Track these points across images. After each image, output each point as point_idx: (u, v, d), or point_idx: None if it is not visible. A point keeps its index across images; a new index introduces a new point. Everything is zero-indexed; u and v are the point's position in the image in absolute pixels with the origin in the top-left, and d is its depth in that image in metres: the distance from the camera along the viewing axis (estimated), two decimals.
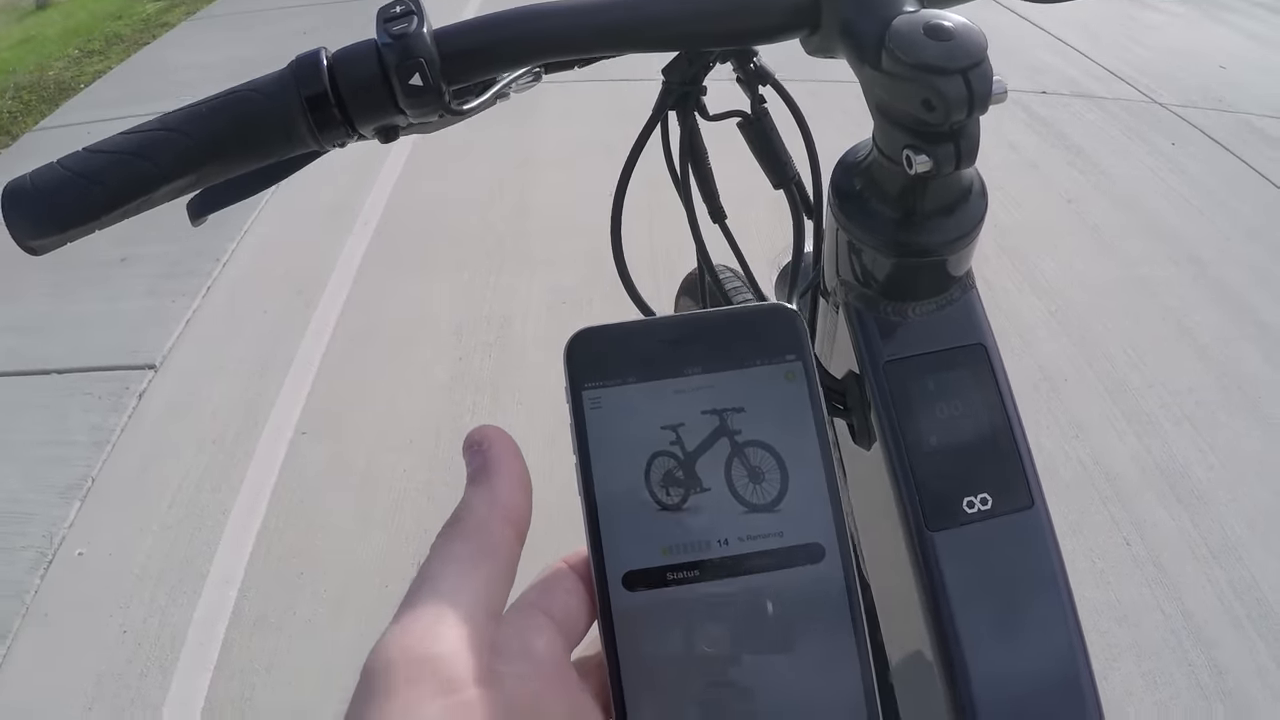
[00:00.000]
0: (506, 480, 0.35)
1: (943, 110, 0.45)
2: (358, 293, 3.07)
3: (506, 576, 0.33)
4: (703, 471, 0.36)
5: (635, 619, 0.35)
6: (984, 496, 0.51)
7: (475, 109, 0.54)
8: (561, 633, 0.34)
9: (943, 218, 0.51)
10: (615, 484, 0.36)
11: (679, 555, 0.36)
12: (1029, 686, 0.50)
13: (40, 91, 5.07)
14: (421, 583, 0.31)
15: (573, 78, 0.67)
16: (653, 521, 0.36)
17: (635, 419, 0.37)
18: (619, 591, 0.35)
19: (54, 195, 0.51)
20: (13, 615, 2.01)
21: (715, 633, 0.35)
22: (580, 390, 0.37)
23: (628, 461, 0.36)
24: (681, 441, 0.37)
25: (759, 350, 0.38)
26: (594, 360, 0.38)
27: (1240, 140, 4.06)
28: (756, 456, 0.37)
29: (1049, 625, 0.51)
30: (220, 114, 0.51)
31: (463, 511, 0.34)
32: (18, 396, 2.66)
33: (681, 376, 0.38)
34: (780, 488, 0.36)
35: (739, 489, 0.36)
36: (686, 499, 0.36)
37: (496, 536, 0.33)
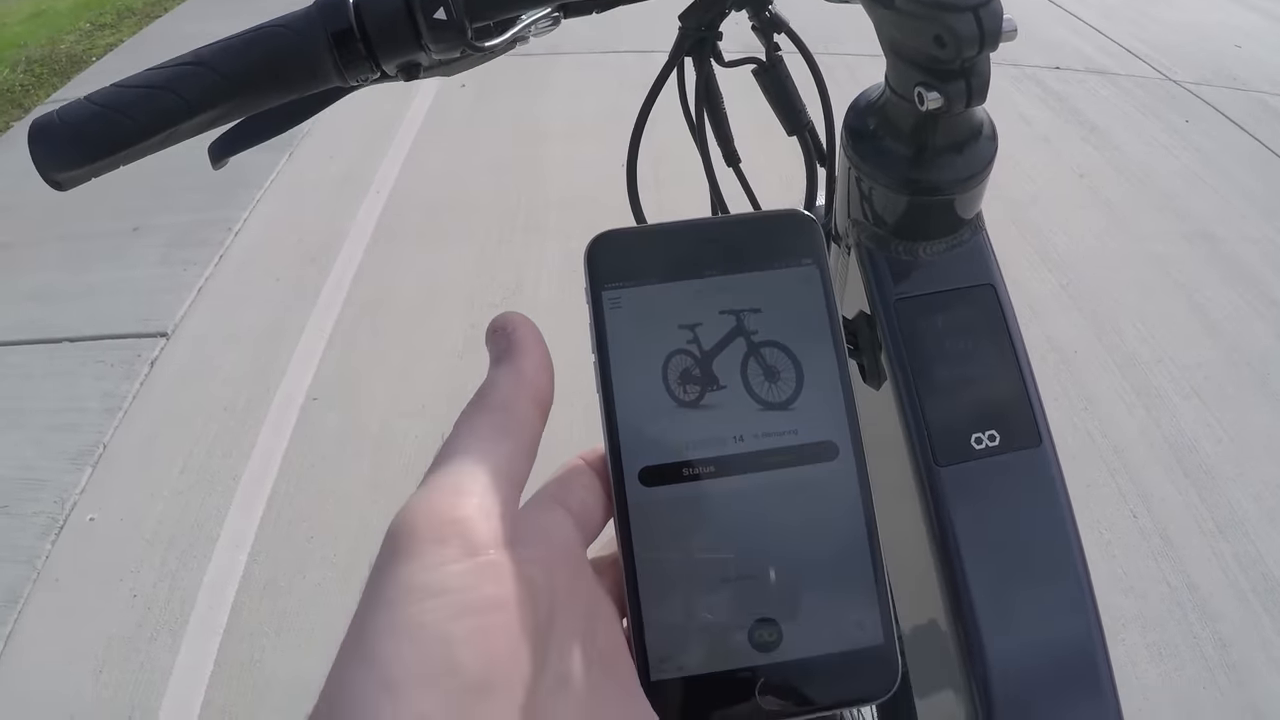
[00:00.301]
0: (531, 360, 0.35)
1: (954, 46, 0.45)
2: (370, 261, 3.08)
3: (529, 452, 0.33)
4: (719, 370, 0.37)
5: (651, 514, 0.35)
6: (992, 433, 0.51)
7: (496, 47, 0.54)
8: (578, 526, 0.34)
9: (953, 156, 0.52)
10: (633, 381, 0.37)
11: (695, 451, 0.36)
12: (1036, 620, 0.50)
13: (52, 65, 5.06)
14: (447, 453, 0.32)
15: (586, 48, 0.67)
16: (669, 418, 0.36)
17: (653, 318, 0.37)
18: (635, 487, 0.35)
19: (81, 128, 0.51)
20: (24, 580, 2.03)
21: (729, 528, 0.35)
22: (600, 290, 0.38)
23: (645, 360, 0.37)
24: (699, 340, 0.37)
25: (776, 254, 0.38)
26: (614, 261, 0.38)
27: (1254, 118, 4.04)
28: (772, 356, 0.37)
29: (1055, 559, 0.51)
30: (247, 49, 0.51)
31: (488, 388, 0.34)
32: (31, 365, 2.67)
33: (700, 278, 0.38)
34: (795, 387, 0.37)
35: (754, 387, 0.37)
36: (703, 396, 0.36)
37: (521, 413, 0.34)
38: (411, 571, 0.27)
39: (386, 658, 0.26)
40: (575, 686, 0.30)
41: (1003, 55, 3.34)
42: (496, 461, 0.31)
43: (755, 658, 0.34)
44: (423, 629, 0.26)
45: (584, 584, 0.33)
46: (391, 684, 0.25)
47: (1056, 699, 0.50)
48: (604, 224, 1.48)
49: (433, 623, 0.26)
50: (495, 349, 0.36)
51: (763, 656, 0.34)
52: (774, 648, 0.35)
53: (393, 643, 0.26)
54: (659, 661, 0.34)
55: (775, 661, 0.34)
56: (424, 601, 0.27)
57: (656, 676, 0.34)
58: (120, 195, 3.37)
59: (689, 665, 0.34)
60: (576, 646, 0.31)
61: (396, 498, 1.02)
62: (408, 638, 0.26)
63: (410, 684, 0.25)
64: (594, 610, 0.33)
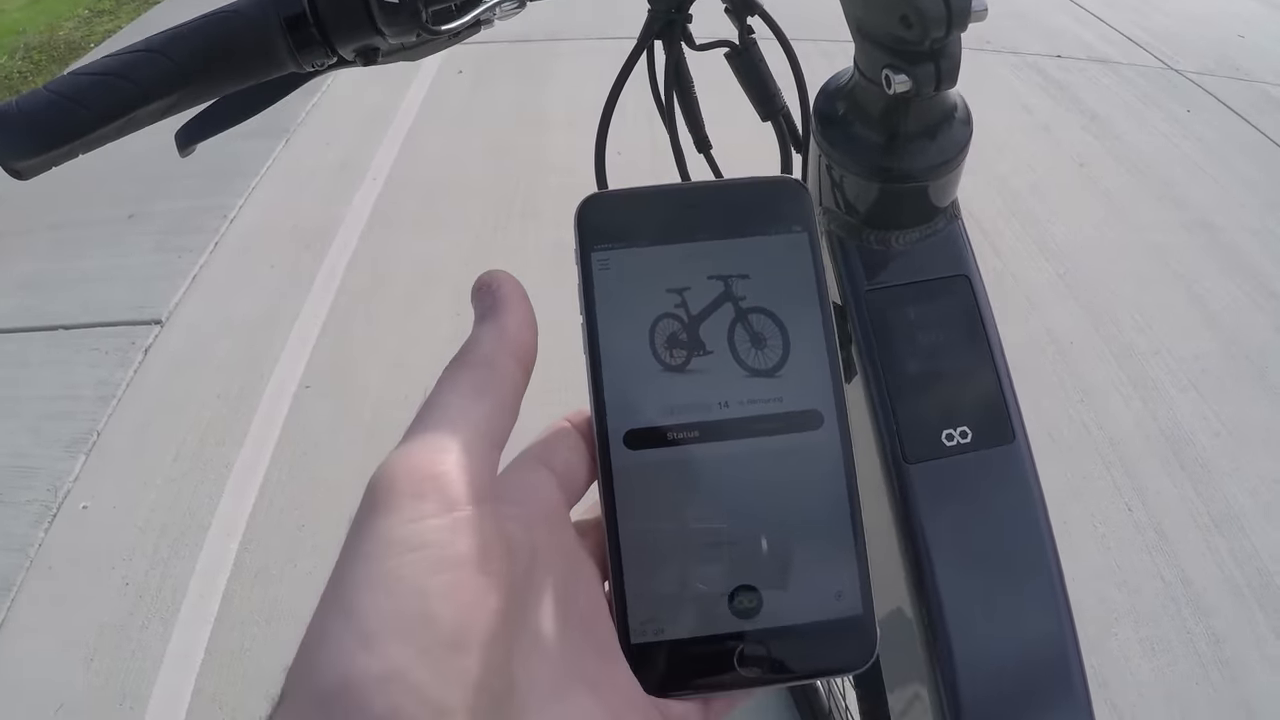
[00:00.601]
0: (514, 318, 0.35)
1: (920, 26, 0.44)
2: (364, 248, 3.07)
3: (511, 409, 0.33)
4: (706, 335, 0.37)
5: (634, 477, 0.35)
6: (964, 430, 0.51)
7: (454, 30, 0.53)
8: (562, 487, 0.35)
9: (925, 142, 0.51)
10: (620, 344, 0.37)
11: (680, 415, 0.36)
12: (1005, 621, 0.50)
13: (50, 51, 5.06)
14: (428, 409, 0.32)
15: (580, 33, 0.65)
16: (655, 382, 0.36)
17: (642, 281, 0.37)
18: (620, 449, 0.36)
19: (37, 116, 0.50)
20: (17, 568, 2.02)
21: (713, 494, 0.36)
22: (589, 252, 0.38)
23: (633, 322, 0.37)
24: (686, 304, 0.37)
25: (766, 220, 0.38)
26: (604, 223, 0.38)
27: (1257, 109, 4.02)
28: (759, 322, 0.37)
29: (1026, 559, 0.50)
30: (200, 34, 0.51)
31: (471, 345, 0.34)
32: (25, 352, 2.67)
33: (689, 242, 0.38)
34: (781, 354, 0.37)
35: (741, 353, 0.37)
36: (689, 361, 0.36)
37: (503, 370, 0.33)
38: (389, 525, 0.27)
39: (364, 610, 0.26)
40: (551, 645, 0.31)
41: (1003, 43, 3.35)
42: (477, 418, 0.31)
43: (735, 624, 0.35)
44: (399, 582, 0.26)
45: (566, 544, 0.34)
46: (368, 636, 0.25)
47: (1027, 700, 0.49)
48: None
49: (410, 576, 0.27)
50: (480, 306, 0.36)
51: (743, 623, 0.35)
52: (754, 614, 0.35)
53: (370, 595, 0.26)
54: (639, 624, 0.35)
55: (755, 628, 0.35)
56: (401, 555, 0.27)
57: (637, 640, 0.34)
58: (115, 182, 3.36)
59: (669, 629, 0.35)
60: (555, 606, 0.31)
61: None
62: (384, 590, 0.26)
63: (386, 636, 0.25)
64: (575, 571, 0.34)
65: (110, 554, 2.05)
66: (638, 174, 0.77)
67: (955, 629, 0.49)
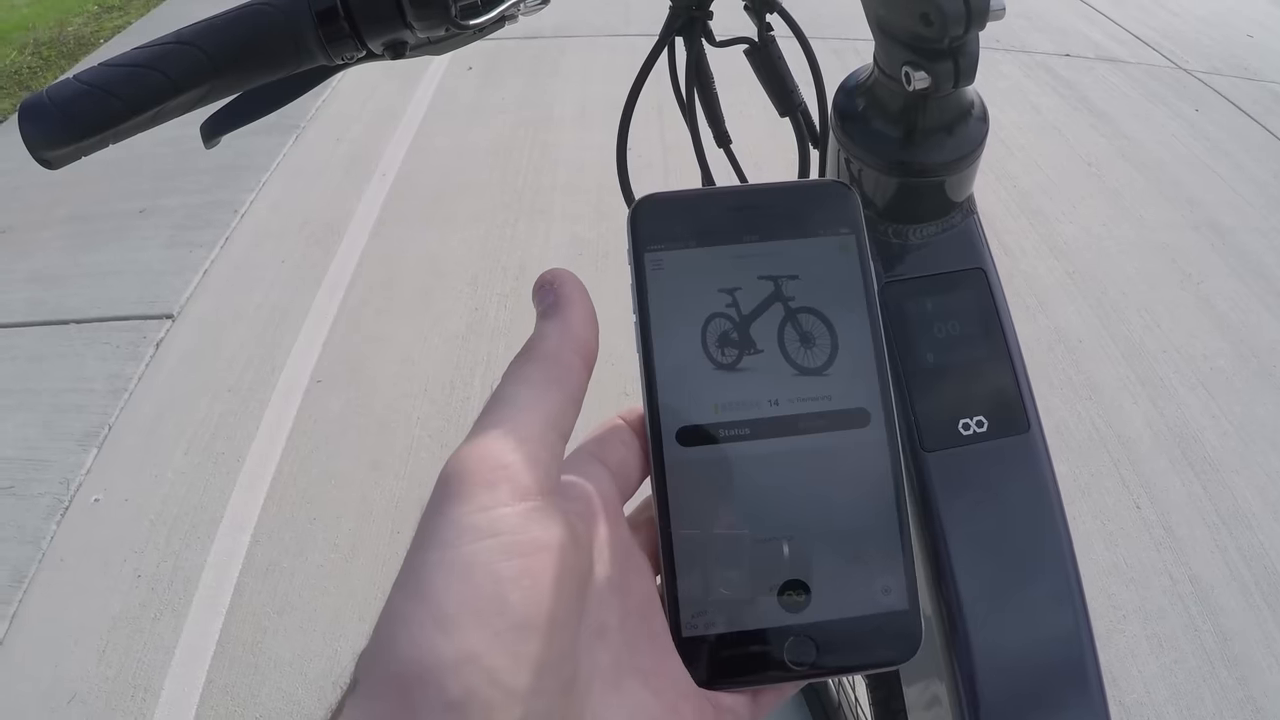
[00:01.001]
0: (577, 314, 0.36)
1: (940, 25, 0.45)
2: (375, 244, 3.08)
3: (575, 403, 0.34)
4: (756, 334, 0.37)
5: (687, 474, 0.36)
6: (980, 419, 0.51)
7: (482, 25, 0.54)
8: (616, 483, 0.35)
9: (943, 137, 0.51)
10: (672, 343, 0.37)
11: (731, 413, 0.37)
12: (1022, 611, 0.50)
13: (59, 47, 5.07)
14: (496, 402, 0.32)
15: (589, 30, 0.66)
16: (707, 380, 0.37)
17: (694, 281, 0.38)
18: (673, 446, 0.36)
19: (69, 106, 0.51)
20: (29, 561, 2.03)
21: (762, 490, 0.36)
22: (643, 252, 0.38)
23: (685, 322, 0.37)
24: (738, 304, 0.38)
25: (815, 223, 0.39)
26: (657, 224, 0.39)
27: (1265, 109, 4.02)
28: (808, 322, 0.38)
29: (1042, 547, 0.51)
30: (232, 27, 0.52)
31: (536, 340, 0.35)
32: (37, 346, 2.68)
33: (740, 244, 0.39)
34: (830, 353, 0.38)
35: (790, 352, 0.37)
36: (740, 360, 0.37)
37: (567, 364, 0.34)
38: (464, 513, 0.28)
39: (439, 594, 0.27)
40: (611, 635, 0.32)
41: (1013, 42, 3.34)
42: (545, 410, 0.32)
43: (784, 618, 0.35)
44: (474, 568, 0.27)
45: (620, 539, 0.34)
46: (444, 619, 0.26)
47: (1044, 697, 0.50)
48: (609, 208, 1.50)
49: (484, 562, 0.27)
50: (542, 303, 0.37)
51: (791, 617, 0.35)
52: (802, 609, 0.36)
53: (445, 580, 0.27)
54: (690, 618, 0.35)
55: (803, 622, 0.35)
56: (476, 542, 0.28)
57: (688, 633, 0.35)
58: (127, 178, 3.38)
59: (719, 623, 0.35)
60: (613, 597, 0.32)
61: (399, 480, 1.03)
62: (460, 575, 0.27)
63: (462, 620, 0.26)
64: (629, 564, 0.34)
65: (122, 546, 2.06)
66: (650, 169, 0.78)
67: (974, 624, 0.49)
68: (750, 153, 0.76)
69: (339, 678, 0.76)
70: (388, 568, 1.96)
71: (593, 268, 2.86)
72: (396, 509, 2.11)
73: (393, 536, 2.03)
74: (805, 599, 0.35)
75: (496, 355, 2.54)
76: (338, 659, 1.80)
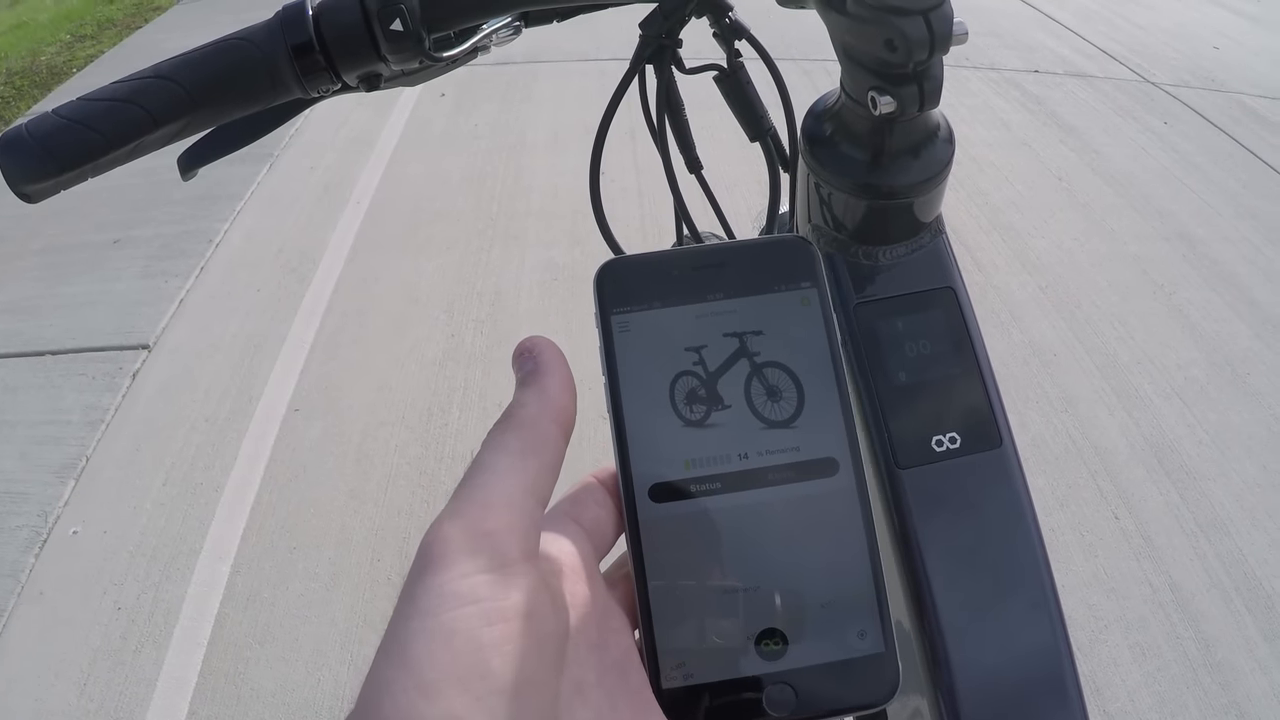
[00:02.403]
0: (555, 382, 0.36)
1: (904, 50, 0.46)
2: (350, 271, 3.08)
3: (553, 470, 0.35)
4: (724, 390, 0.38)
5: (661, 529, 0.37)
6: (953, 436, 0.52)
7: (455, 57, 0.55)
8: (591, 541, 0.36)
9: (910, 160, 0.52)
10: (642, 402, 0.38)
11: (702, 468, 0.37)
12: (998, 621, 0.51)
13: (32, 77, 5.06)
14: (476, 469, 0.33)
15: (560, 56, 0.67)
16: (677, 437, 0.38)
17: (660, 341, 0.39)
18: (645, 503, 0.37)
19: (48, 140, 0.51)
20: (8, 594, 2.02)
21: (736, 542, 0.37)
22: (609, 315, 0.39)
23: (653, 381, 0.38)
24: (704, 362, 0.38)
25: (776, 278, 0.40)
26: (621, 287, 0.40)
27: (1233, 119, 4.07)
28: (774, 376, 0.38)
29: (1017, 560, 0.51)
30: (209, 61, 0.52)
31: (515, 408, 0.35)
32: (12, 378, 2.67)
33: (704, 302, 0.39)
34: (796, 406, 0.38)
35: (758, 406, 0.38)
36: (709, 416, 0.38)
37: (545, 433, 0.35)
38: (445, 580, 0.29)
39: (422, 661, 0.27)
40: (590, 692, 0.32)
41: (981, 59, 3.37)
42: (524, 478, 0.33)
43: (762, 666, 0.36)
44: (456, 634, 0.28)
45: (597, 596, 0.35)
46: (427, 686, 0.26)
47: (1023, 706, 0.50)
48: (584, 231, 1.50)
49: (466, 629, 0.28)
50: (521, 370, 0.37)
51: (769, 665, 0.36)
52: (780, 656, 0.36)
53: (428, 647, 0.27)
54: (670, 670, 0.36)
55: (781, 670, 0.36)
56: (458, 609, 0.28)
57: (667, 685, 0.35)
58: (100, 208, 3.37)
59: (698, 673, 0.36)
60: (592, 655, 0.33)
61: (378, 508, 1.03)
62: (442, 642, 0.27)
63: (445, 686, 0.27)
64: (606, 622, 0.35)
65: (101, 579, 2.05)
66: (624, 194, 0.79)
67: (952, 639, 0.50)
68: (721, 177, 0.76)
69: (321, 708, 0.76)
70: (368, 596, 1.95)
71: (567, 292, 2.87)
72: (376, 537, 2.10)
73: (372, 564, 2.03)
74: (782, 647, 0.36)
75: (473, 381, 2.54)
76: (320, 689, 1.79)
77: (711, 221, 0.82)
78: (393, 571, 2.01)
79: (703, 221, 0.81)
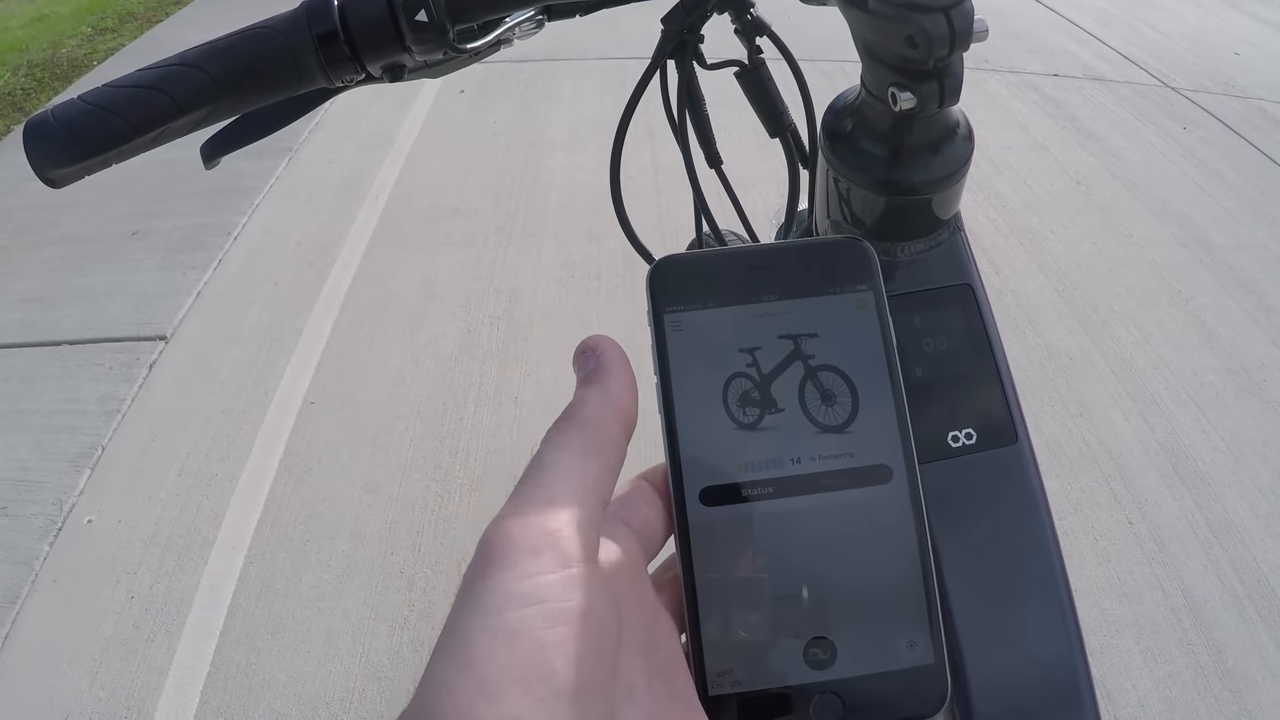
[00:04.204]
0: (618, 381, 0.36)
1: (925, 47, 0.46)
2: (367, 266, 3.09)
3: (614, 471, 0.34)
4: (777, 393, 0.38)
5: (710, 533, 0.36)
6: (969, 431, 0.52)
7: (479, 49, 0.55)
8: (640, 543, 0.36)
9: (929, 156, 0.52)
10: (694, 403, 0.38)
11: (754, 472, 0.37)
12: (1011, 617, 0.51)
13: (53, 69, 5.08)
14: (537, 468, 0.33)
15: (579, 53, 0.67)
16: (729, 440, 0.37)
17: (714, 342, 0.38)
18: (696, 506, 0.36)
19: (74, 126, 0.52)
20: (22, 582, 2.03)
21: (786, 548, 0.36)
22: (662, 314, 0.39)
23: (706, 382, 0.38)
24: (758, 364, 0.38)
25: (832, 280, 0.40)
26: (675, 286, 0.39)
27: (1253, 126, 4.05)
28: (829, 380, 0.38)
29: (1032, 558, 0.51)
30: (235, 49, 0.52)
31: (577, 406, 0.35)
32: (29, 367, 2.68)
33: (758, 303, 0.39)
34: (850, 410, 0.38)
35: (811, 410, 0.38)
36: (762, 419, 0.37)
37: (607, 431, 0.35)
38: (508, 579, 0.29)
39: (483, 661, 0.27)
40: (639, 695, 0.31)
41: (1001, 62, 3.36)
42: (585, 477, 0.33)
43: (809, 675, 0.35)
44: (519, 634, 0.27)
45: (646, 599, 0.35)
46: (488, 687, 0.26)
47: (1037, 710, 0.50)
48: (601, 229, 1.51)
49: (529, 629, 0.27)
50: (583, 368, 0.37)
51: (817, 674, 0.35)
52: (828, 665, 0.36)
53: (489, 646, 0.27)
54: (716, 676, 0.35)
55: (829, 679, 0.35)
56: (520, 609, 0.28)
57: (714, 691, 0.35)
58: (120, 200, 3.38)
59: (745, 681, 0.35)
60: (640, 658, 0.32)
61: (392, 501, 1.04)
62: (504, 642, 0.27)
63: (507, 688, 0.26)
64: (654, 625, 0.35)
65: (115, 568, 2.06)
66: (642, 190, 0.79)
67: (967, 641, 0.50)
68: (740, 176, 0.77)
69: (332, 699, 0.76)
70: (381, 589, 1.96)
71: (584, 289, 2.87)
72: (390, 530, 2.11)
73: (386, 558, 2.03)
74: (831, 655, 0.35)
75: (489, 377, 2.54)
76: (331, 680, 1.79)
77: (730, 218, 0.82)
78: (405, 565, 2.01)
79: (722, 218, 0.81)
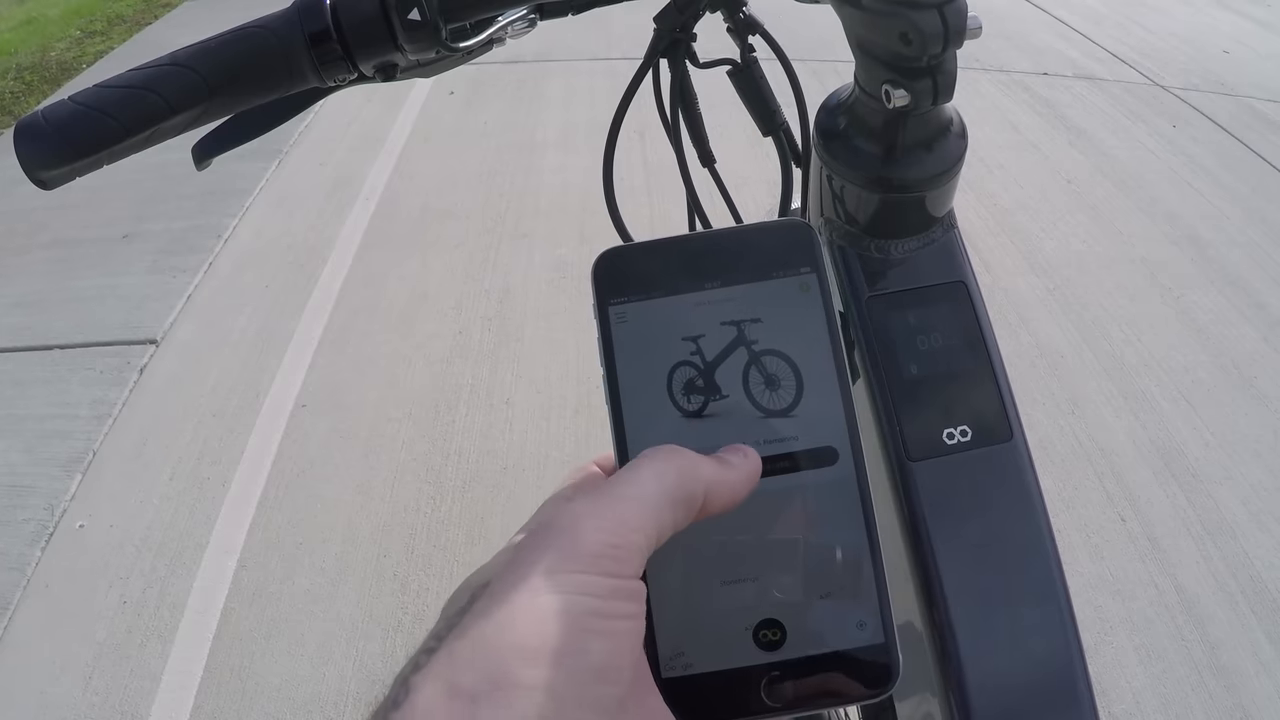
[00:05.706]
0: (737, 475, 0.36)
1: (919, 43, 0.46)
2: (358, 268, 3.08)
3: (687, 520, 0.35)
4: (721, 379, 0.38)
5: None
6: (964, 428, 0.52)
7: (471, 48, 0.55)
8: None
9: (923, 154, 0.52)
10: (640, 393, 0.38)
11: None
12: (1009, 616, 0.51)
13: (42, 72, 5.07)
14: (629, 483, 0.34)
15: (572, 55, 0.67)
16: (675, 428, 0.38)
17: (658, 332, 0.39)
18: None
19: (65, 127, 0.51)
20: (14, 587, 2.02)
21: (735, 531, 0.37)
22: (607, 306, 0.39)
23: (651, 372, 0.38)
24: (702, 352, 0.38)
25: (775, 263, 0.40)
26: (619, 277, 0.40)
27: (1242, 124, 4.06)
28: (773, 364, 0.38)
29: (1027, 552, 0.52)
30: (227, 49, 0.52)
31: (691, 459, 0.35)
32: (21, 372, 2.67)
33: (702, 290, 0.39)
34: (795, 394, 0.38)
35: (756, 396, 0.38)
36: (707, 406, 0.38)
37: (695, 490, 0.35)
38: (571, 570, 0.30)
39: (526, 628, 0.29)
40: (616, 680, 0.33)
41: (991, 61, 3.36)
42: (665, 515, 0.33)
43: (760, 656, 0.36)
44: (563, 615, 0.29)
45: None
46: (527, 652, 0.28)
47: (1034, 706, 0.50)
48: (593, 230, 1.51)
49: (575, 613, 0.29)
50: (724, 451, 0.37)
51: (767, 655, 0.36)
52: (779, 646, 0.36)
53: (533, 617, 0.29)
54: (669, 659, 0.36)
55: (780, 660, 0.36)
56: (569, 596, 0.30)
57: (667, 674, 0.36)
58: (110, 203, 3.38)
59: (697, 663, 0.36)
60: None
61: (385, 503, 1.03)
62: (550, 617, 0.29)
63: (544, 654, 0.28)
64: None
65: (108, 572, 2.05)
66: (633, 192, 0.79)
67: (964, 638, 0.50)
68: (732, 176, 0.77)
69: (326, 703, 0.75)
70: (374, 591, 1.95)
71: (575, 290, 2.87)
72: (383, 532, 2.10)
73: (379, 560, 2.03)
74: (781, 636, 0.36)
75: (481, 378, 2.54)
76: (325, 683, 1.79)
77: (723, 216, 0.82)
78: (399, 567, 2.01)
79: (714, 216, 0.81)
